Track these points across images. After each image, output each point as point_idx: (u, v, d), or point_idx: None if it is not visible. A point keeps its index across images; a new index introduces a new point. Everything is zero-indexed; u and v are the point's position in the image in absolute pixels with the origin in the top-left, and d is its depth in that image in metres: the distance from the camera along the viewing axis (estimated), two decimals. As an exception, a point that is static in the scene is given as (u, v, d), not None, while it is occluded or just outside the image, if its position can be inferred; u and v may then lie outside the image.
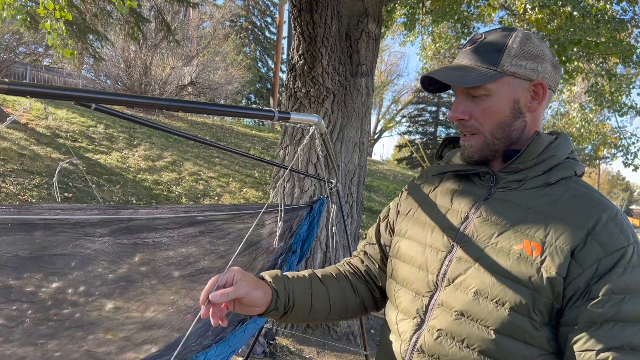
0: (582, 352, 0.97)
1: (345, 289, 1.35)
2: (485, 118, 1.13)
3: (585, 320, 0.98)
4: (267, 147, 14.66)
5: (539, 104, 1.16)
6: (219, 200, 8.96)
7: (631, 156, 11.63)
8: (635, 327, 0.96)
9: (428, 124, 37.27)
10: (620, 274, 0.97)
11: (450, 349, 1.07)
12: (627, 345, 0.94)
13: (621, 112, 9.53)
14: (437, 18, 7.59)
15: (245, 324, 1.86)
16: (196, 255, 2.11)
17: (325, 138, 1.60)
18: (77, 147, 8.86)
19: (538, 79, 1.13)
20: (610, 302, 0.96)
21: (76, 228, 1.72)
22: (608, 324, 0.96)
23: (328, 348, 4.53)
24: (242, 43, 31.12)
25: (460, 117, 1.15)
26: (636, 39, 7.29)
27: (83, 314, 1.79)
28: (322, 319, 1.32)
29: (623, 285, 0.97)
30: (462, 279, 1.09)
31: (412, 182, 1.37)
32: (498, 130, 1.14)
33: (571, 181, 1.12)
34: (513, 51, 1.11)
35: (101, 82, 16.82)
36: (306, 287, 1.28)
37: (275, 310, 1.20)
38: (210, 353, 1.64)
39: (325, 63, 4.41)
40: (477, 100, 1.13)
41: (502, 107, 1.13)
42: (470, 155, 1.17)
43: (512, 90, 1.12)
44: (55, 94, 0.81)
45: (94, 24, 10.90)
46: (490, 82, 1.10)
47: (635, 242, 1.01)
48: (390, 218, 1.38)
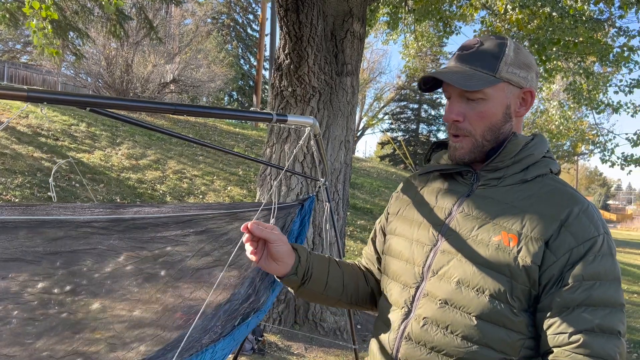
0: (556, 334, 1.06)
1: (358, 277, 1.44)
2: (479, 121, 1.20)
3: (559, 305, 1.06)
4: (251, 145, 14.66)
5: (526, 109, 1.25)
6: (203, 199, 8.95)
7: (608, 152, 11.88)
8: (605, 310, 1.05)
9: (410, 121, 37.52)
10: (590, 262, 1.06)
11: (435, 335, 1.15)
12: (597, 328, 1.03)
13: (598, 110, 9.76)
14: (419, 17, 7.69)
15: (249, 318, 1.92)
16: (183, 254, 2.14)
17: (318, 139, 1.66)
18: (59, 145, 8.78)
19: (527, 86, 1.22)
20: (582, 288, 1.05)
21: (60, 227, 1.73)
22: (580, 308, 1.05)
23: (316, 343, 4.59)
24: (224, 40, 30.97)
25: (456, 119, 1.21)
26: (612, 39, 7.48)
27: (70, 314, 1.81)
28: (335, 299, 1.39)
29: (593, 272, 1.06)
30: (446, 269, 1.17)
31: (402, 185, 1.46)
32: (489, 132, 1.21)
33: (547, 178, 1.20)
34: (509, 59, 1.19)
35: (81, 80, 16.61)
36: (324, 264, 1.36)
37: (295, 275, 1.27)
38: (218, 346, 1.70)
39: (312, 62, 4.47)
40: (473, 104, 1.19)
41: (496, 111, 1.20)
42: (460, 157, 1.23)
43: (506, 96, 1.20)
44: (72, 101, 0.85)
45: (75, 21, 10.79)
46: (489, 87, 1.17)
47: (605, 233, 1.10)
48: (382, 222, 1.47)
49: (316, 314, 4.81)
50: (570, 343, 1.03)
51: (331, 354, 4.45)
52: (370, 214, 11.59)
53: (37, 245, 1.67)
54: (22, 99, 0.83)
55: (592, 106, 9.42)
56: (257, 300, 2.08)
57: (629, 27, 7.30)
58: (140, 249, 2.02)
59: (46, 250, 1.71)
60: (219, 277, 2.26)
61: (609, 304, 1.05)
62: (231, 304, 2.03)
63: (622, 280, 1.11)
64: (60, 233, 1.74)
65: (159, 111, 1.01)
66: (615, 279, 1.08)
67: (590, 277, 1.06)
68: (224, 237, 2.16)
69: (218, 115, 1.13)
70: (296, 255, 1.28)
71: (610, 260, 1.08)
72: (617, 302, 1.06)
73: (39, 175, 7.19)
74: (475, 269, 1.12)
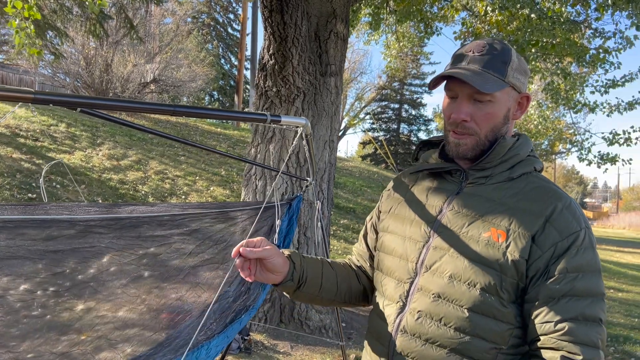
0: (542, 323, 1.13)
1: (350, 276, 1.49)
2: (485, 121, 1.25)
3: (545, 296, 1.13)
4: (233, 144, 14.62)
5: (522, 113, 1.32)
6: (186, 199, 8.92)
7: (585, 151, 12.12)
8: (587, 300, 1.12)
9: (391, 121, 37.76)
10: (573, 255, 1.14)
11: (429, 327, 1.21)
12: (581, 316, 1.11)
13: (575, 109, 9.97)
14: (401, 18, 7.77)
15: (241, 315, 1.94)
16: (167, 254, 2.14)
17: (309, 139, 1.70)
18: (39, 146, 8.66)
19: (524, 92, 1.29)
20: (566, 279, 1.12)
21: (42, 228, 1.72)
22: (564, 298, 1.12)
23: (302, 342, 4.63)
24: (205, 40, 30.80)
25: (465, 118, 1.25)
26: (589, 40, 7.66)
27: (54, 316, 1.81)
28: (329, 299, 1.44)
29: (576, 264, 1.13)
30: (438, 265, 1.23)
31: (392, 183, 1.51)
32: (491, 133, 1.26)
33: (531, 176, 1.27)
34: (515, 65, 1.25)
35: (60, 80, 16.37)
36: (318, 267, 1.41)
37: (290, 281, 1.32)
38: (212, 343, 1.73)
39: (296, 63, 4.50)
40: (481, 105, 1.24)
41: (500, 113, 1.25)
42: (464, 153, 1.28)
43: (508, 100, 1.26)
44: (78, 103, 0.87)
45: (53, 20, 10.65)
46: (500, 90, 1.22)
47: (586, 227, 1.18)
48: (374, 219, 1.52)
49: (301, 312, 4.84)
50: (556, 331, 1.10)
51: (317, 352, 4.49)
52: (353, 213, 11.66)
53: (18, 247, 1.66)
54: (28, 100, 0.85)
55: (569, 106, 9.62)
56: (248, 297, 2.11)
57: (604, 29, 7.47)
58: (126, 249, 2.01)
59: (29, 252, 1.70)
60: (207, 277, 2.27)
61: (591, 294, 1.13)
62: (221, 303, 2.05)
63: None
64: (42, 234, 1.73)
65: (160, 112, 1.03)
66: (597, 270, 1.15)
67: (574, 270, 1.13)
68: (213, 237, 2.18)
69: (215, 116, 1.16)
70: (290, 262, 1.32)
71: (592, 253, 1.16)
72: (598, 292, 1.14)
73: (18, 176, 7.10)
74: (467, 263, 1.18)
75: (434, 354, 1.20)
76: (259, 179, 4.86)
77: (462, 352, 1.17)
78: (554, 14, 6.08)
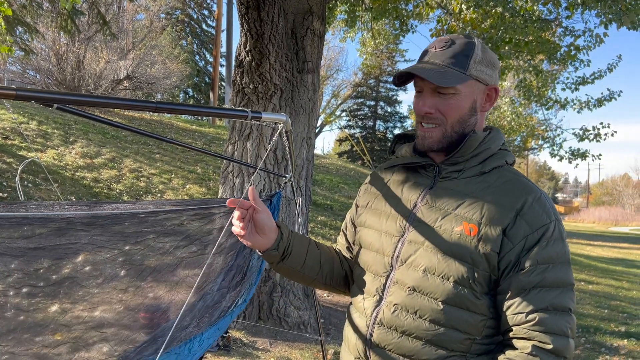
0: (514, 314, 1.17)
1: (334, 260, 1.51)
2: (449, 113, 1.27)
3: (516, 288, 1.17)
4: (209, 142, 14.51)
5: (490, 105, 1.34)
6: (161, 197, 8.82)
7: (557, 147, 12.41)
8: (557, 290, 1.16)
9: (367, 118, 37.91)
10: (544, 247, 1.17)
11: (405, 320, 1.24)
12: (551, 307, 1.15)
13: (547, 106, 10.20)
14: (376, 15, 7.81)
15: (232, 308, 1.95)
16: (142, 253, 2.12)
17: (290, 135, 1.71)
18: (9, 144, 8.46)
19: (492, 84, 1.31)
20: (536, 271, 1.16)
21: (14, 226, 1.69)
22: (535, 289, 1.16)
23: (280, 338, 4.64)
24: (179, 36, 30.44)
25: (429, 111, 1.28)
26: (560, 38, 7.82)
27: (28, 316, 1.78)
28: (311, 278, 1.45)
29: (546, 256, 1.17)
30: (413, 258, 1.26)
31: (370, 178, 1.53)
32: (457, 124, 1.29)
33: (503, 169, 1.30)
34: (478, 58, 1.27)
35: (29, 77, 16.00)
36: (304, 243, 1.43)
37: (275, 250, 1.34)
38: (204, 335, 1.73)
39: (273, 60, 4.49)
40: (445, 97, 1.27)
41: (465, 105, 1.28)
42: (430, 145, 1.31)
43: (473, 92, 1.29)
44: (61, 99, 0.87)
45: (23, 15, 10.39)
46: (461, 84, 1.25)
47: (556, 219, 1.21)
48: (352, 213, 1.54)
49: (280, 309, 4.85)
50: (528, 322, 1.14)
51: (296, 348, 4.51)
52: (330, 210, 11.70)
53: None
54: (10, 97, 0.84)
55: (541, 102, 9.82)
56: (239, 292, 2.11)
57: (574, 27, 7.65)
58: (101, 248, 1.99)
59: (7, 249, 1.67)
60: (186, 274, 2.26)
61: (561, 284, 1.17)
62: (205, 299, 2.04)
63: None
64: (15, 233, 1.70)
65: (141, 109, 1.03)
66: (566, 261, 1.19)
67: (544, 261, 1.16)
68: (193, 234, 2.17)
69: (196, 113, 1.16)
70: (279, 231, 1.34)
71: (561, 244, 1.19)
72: (567, 282, 1.18)
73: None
74: (440, 257, 1.21)
75: (410, 346, 1.23)
76: (236, 176, 4.84)
77: (437, 343, 1.21)
78: (526, 12, 6.20)
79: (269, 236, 1.32)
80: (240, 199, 1.26)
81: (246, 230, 1.28)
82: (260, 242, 1.32)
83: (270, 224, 1.31)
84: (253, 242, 1.31)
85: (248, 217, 1.29)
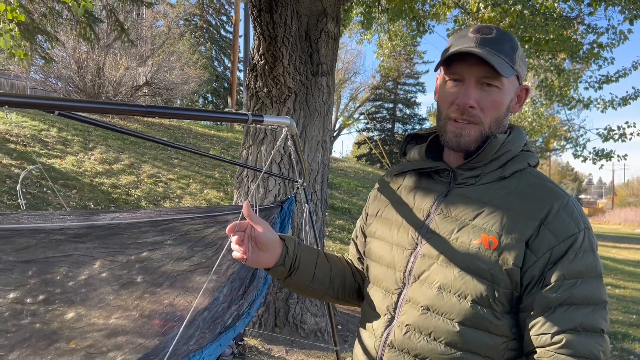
0: (539, 335, 1.04)
1: (345, 272, 1.40)
2: (491, 109, 1.15)
3: (541, 305, 1.04)
4: (227, 147, 14.53)
5: (519, 106, 1.23)
6: (179, 203, 8.83)
7: (580, 147, 12.11)
8: (587, 309, 1.03)
9: (385, 121, 37.76)
10: (571, 260, 1.04)
11: (418, 342, 1.12)
12: (580, 327, 1.01)
13: (570, 106, 9.94)
14: (393, 16, 7.71)
15: (236, 323, 1.89)
16: (160, 260, 2.09)
17: (296, 139, 1.63)
18: (30, 152, 8.56)
19: (524, 83, 1.21)
20: (563, 287, 1.03)
21: (33, 235, 1.67)
22: (562, 307, 1.03)
23: (296, 346, 4.55)
24: (198, 42, 30.71)
25: (473, 104, 1.14)
26: (582, 36, 7.62)
27: (44, 324, 1.75)
28: (321, 292, 1.35)
29: (575, 270, 1.04)
30: (427, 274, 1.14)
31: (379, 184, 1.42)
32: (494, 124, 1.17)
33: (525, 172, 1.17)
34: (520, 53, 1.16)
35: (51, 84, 16.24)
36: (313, 255, 1.32)
37: (282, 266, 1.24)
38: (205, 352, 1.67)
39: (286, 63, 4.43)
40: (489, 92, 1.14)
41: (505, 102, 1.16)
42: (466, 145, 1.17)
43: (512, 89, 1.18)
44: (38, 104, 0.80)
45: (43, 24, 10.53)
46: (510, 77, 1.13)
47: (586, 228, 1.08)
48: (362, 222, 1.43)
49: (296, 316, 4.77)
50: (553, 343, 1.02)
51: (312, 356, 4.42)
52: (348, 213, 11.60)
53: (7, 254, 1.61)
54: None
55: (563, 102, 9.59)
56: (243, 304, 2.05)
57: (597, 25, 7.44)
58: (116, 255, 1.96)
59: (18, 259, 1.65)
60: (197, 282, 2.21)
61: (592, 301, 1.04)
62: (210, 310, 1.99)
63: None
64: (32, 241, 1.68)
65: (129, 113, 0.96)
66: (597, 275, 1.06)
67: (572, 276, 1.04)
68: (203, 242, 2.11)
69: (191, 117, 1.09)
70: (284, 245, 1.25)
71: (592, 257, 1.07)
72: (599, 299, 1.05)
73: (8, 182, 7.00)
74: (457, 273, 1.10)
75: None
76: (251, 181, 4.79)
77: None
78: (547, 10, 6.04)
79: (273, 251, 1.22)
80: (237, 222, 1.17)
81: (247, 252, 1.19)
82: (265, 260, 1.22)
83: (273, 237, 1.22)
84: (257, 261, 1.22)
85: (247, 238, 1.19)
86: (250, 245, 1.19)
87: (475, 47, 1.11)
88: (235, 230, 1.17)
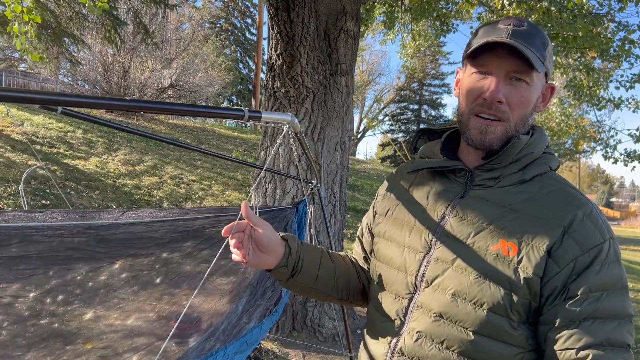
0: (562, 350, 0.97)
1: (350, 272, 1.34)
2: (518, 106, 1.08)
3: (565, 319, 0.98)
4: (250, 148, 14.56)
5: (544, 106, 1.15)
6: (201, 204, 8.85)
7: (611, 149, 11.75)
8: (614, 323, 0.96)
9: (410, 122, 37.46)
10: (597, 272, 0.98)
11: (430, 350, 1.06)
12: (607, 342, 0.95)
13: (600, 106, 9.64)
14: (416, 16, 7.60)
15: (262, 321, 1.85)
16: (177, 261, 2.06)
17: (300, 137, 1.55)
18: (55, 153, 8.69)
19: (550, 82, 1.13)
20: (589, 300, 0.97)
21: (54, 236, 1.67)
22: (587, 321, 0.96)
23: (314, 350, 4.48)
24: (222, 45, 30.96)
25: (501, 99, 1.07)
26: (612, 33, 7.37)
27: (62, 324, 1.75)
28: (325, 293, 1.29)
29: (600, 282, 0.97)
30: (441, 280, 1.08)
31: (388, 181, 1.35)
32: (520, 122, 1.10)
33: (546, 177, 1.10)
34: (550, 48, 1.09)
35: (79, 87, 16.55)
36: (316, 255, 1.26)
37: (284, 267, 1.18)
38: (229, 349, 1.61)
39: (304, 62, 4.36)
40: (517, 87, 1.07)
41: (532, 99, 1.09)
42: (491, 143, 1.10)
43: (540, 86, 1.10)
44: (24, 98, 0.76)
45: (70, 27, 10.71)
46: (541, 72, 1.06)
47: (611, 238, 1.01)
48: (369, 220, 1.36)
49: (314, 319, 4.70)
50: (579, 359, 0.95)
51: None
52: (370, 216, 11.49)
53: (29, 255, 1.61)
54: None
55: (593, 102, 9.30)
56: (270, 299, 2.01)
57: (628, 22, 7.20)
58: (135, 257, 1.95)
59: (39, 259, 1.64)
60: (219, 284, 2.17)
61: (618, 315, 0.97)
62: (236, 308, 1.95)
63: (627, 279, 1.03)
64: (54, 242, 1.67)
65: (114, 107, 0.91)
66: (623, 287, 0.99)
67: (597, 288, 0.97)
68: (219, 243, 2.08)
69: (183, 112, 1.03)
70: (286, 245, 1.19)
71: (618, 268, 1.00)
72: (625, 313, 0.98)
73: (33, 183, 7.10)
74: (473, 280, 1.03)
75: None
76: (268, 182, 4.73)
77: None
78: (575, 6, 5.84)
79: (275, 252, 1.16)
80: (235, 223, 1.11)
81: (247, 255, 1.12)
82: (267, 261, 1.16)
83: (275, 238, 1.16)
84: (259, 263, 1.15)
85: (247, 239, 1.13)
86: (250, 247, 1.14)
87: (507, 38, 1.04)
88: (232, 231, 1.11)
